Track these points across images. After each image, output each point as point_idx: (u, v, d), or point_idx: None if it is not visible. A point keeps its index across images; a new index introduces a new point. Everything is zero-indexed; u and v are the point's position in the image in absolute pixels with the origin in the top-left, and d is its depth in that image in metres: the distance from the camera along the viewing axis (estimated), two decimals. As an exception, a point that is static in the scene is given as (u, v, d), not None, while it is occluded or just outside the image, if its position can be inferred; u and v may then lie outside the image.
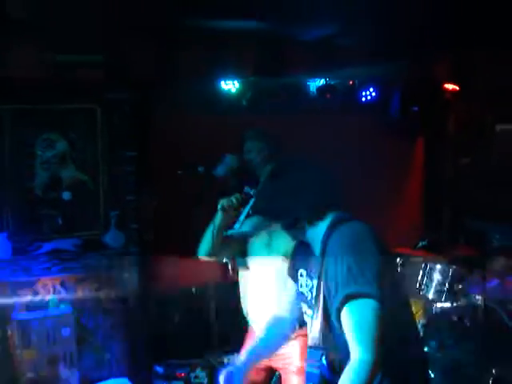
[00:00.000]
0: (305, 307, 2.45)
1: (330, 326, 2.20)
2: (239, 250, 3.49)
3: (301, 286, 2.47)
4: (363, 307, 2.05)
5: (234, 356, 5.31)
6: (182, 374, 5.21)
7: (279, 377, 3.55)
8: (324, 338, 2.20)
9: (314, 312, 2.28)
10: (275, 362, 3.41)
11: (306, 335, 2.42)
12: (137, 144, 5.39)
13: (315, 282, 2.29)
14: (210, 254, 3.48)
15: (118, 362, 5.31)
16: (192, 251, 5.15)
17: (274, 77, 5.67)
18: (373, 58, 5.67)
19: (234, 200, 3.25)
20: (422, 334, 5.17)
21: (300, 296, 2.48)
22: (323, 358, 2.17)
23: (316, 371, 2.16)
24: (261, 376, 3.55)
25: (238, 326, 5.16)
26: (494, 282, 4.63)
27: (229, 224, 3.31)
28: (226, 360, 5.58)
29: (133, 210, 5.39)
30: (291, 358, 3.33)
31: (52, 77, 5.05)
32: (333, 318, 2.15)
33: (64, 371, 4.89)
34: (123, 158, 5.32)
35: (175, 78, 5.35)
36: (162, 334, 5.67)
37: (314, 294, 2.28)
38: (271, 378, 3.63)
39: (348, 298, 2.06)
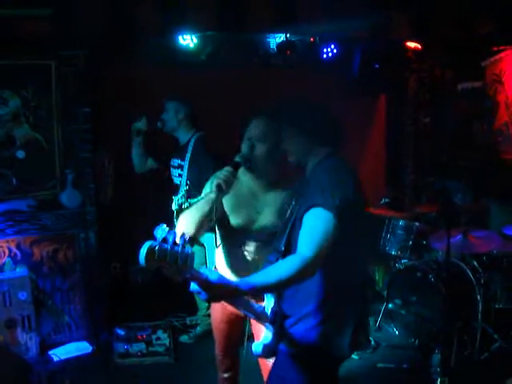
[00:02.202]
0: None
1: (291, 237, 2.55)
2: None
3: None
4: (319, 215, 2.36)
5: (199, 318, 5.32)
6: (144, 336, 5.13)
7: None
8: (285, 245, 2.57)
9: (283, 226, 2.67)
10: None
11: None
12: (92, 100, 5.17)
13: (292, 203, 2.66)
14: (197, 234, 3.25)
15: (78, 325, 5.20)
16: (152, 209, 5.11)
17: (233, 32, 5.51)
18: (333, 14, 5.54)
19: (228, 174, 2.96)
20: (386, 291, 5.21)
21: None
22: (279, 258, 2.54)
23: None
24: (234, 326, 3.52)
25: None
26: (458, 237, 4.63)
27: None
28: (189, 322, 5.56)
29: (89, 168, 5.20)
30: None
31: (4, 32, 4.80)
32: (296, 225, 2.49)
33: (22, 335, 4.77)
34: (78, 115, 5.09)
35: (131, 32, 5.15)
36: (123, 296, 5.57)
37: (289, 211, 2.66)
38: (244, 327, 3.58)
39: (309, 207, 2.39)
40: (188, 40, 5.48)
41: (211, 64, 5.67)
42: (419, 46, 6.22)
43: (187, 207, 3.62)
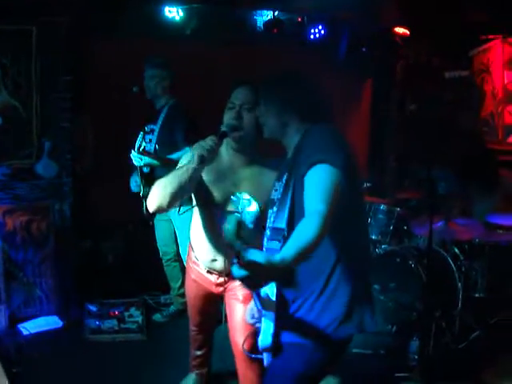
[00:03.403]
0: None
1: (294, 211, 2.38)
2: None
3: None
4: (325, 170, 2.22)
5: (173, 298, 5.25)
6: (116, 313, 5.03)
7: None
8: (287, 220, 2.36)
9: (277, 204, 2.47)
10: (217, 288, 3.31)
11: None
12: (72, 69, 5.05)
13: (284, 178, 2.48)
14: (167, 208, 2.98)
15: (49, 299, 5.08)
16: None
17: (219, 5, 5.41)
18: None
19: (213, 144, 2.80)
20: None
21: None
22: (284, 235, 2.32)
23: (277, 246, 2.30)
24: (208, 303, 3.46)
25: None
26: (440, 223, 4.57)
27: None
28: (163, 301, 5.47)
29: (67, 138, 5.07)
30: (235, 289, 3.23)
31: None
32: (298, 192, 2.32)
33: (-9, 307, 4.65)
34: (58, 83, 4.96)
35: (114, 1, 5.03)
36: (96, 271, 5.44)
37: (283, 186, 2.48)
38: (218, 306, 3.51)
39: (312, 164, 2.24)
40: (174, 13, 5.38)
41: (196, 39, 5.55)
42: (407, 32, 6.16)
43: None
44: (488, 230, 4.65)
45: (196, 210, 3.25)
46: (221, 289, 3.30)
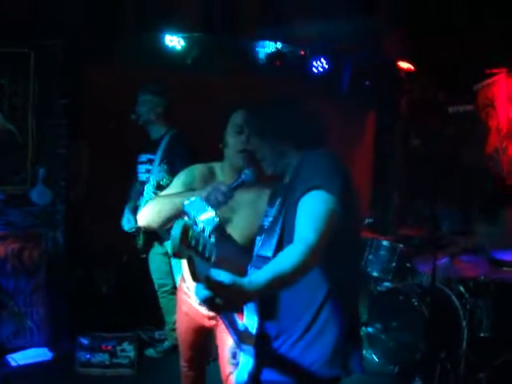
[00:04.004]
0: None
1: (283, 238, 2.25)
2: None
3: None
4: (320, 197, 2.09)
5: (167, 333, 5.10)
6: (108, 347, 4.85)
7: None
8: (275, 249, 2.23)
9: (268, 230, 2.36)
10: (209, 322, 3.13)
11: None
12: (69, 93, 4.99)
13: (277, 203, 2.38)
14: (156, 228, 2.92)
15: (39, 330, 4.92)
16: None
17: (221, 35, 5.36)
18: (325, 28, 5.43)
19: (223, 198, 2.59)
20: (366, 315, 4.99)
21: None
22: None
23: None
24: (200, 337, 3.29)
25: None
26: (444, 260, 4.44)
27: None
28: (157, 336, 5.30)
29: (62, 165, 4.98)
30: None
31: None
32: (290, 220, 2.19)
33: (-21, 336, 4.50)
34: (55, 108, 4.91)
35: (114, 28, 5.00)
36: (88, 302, 5.29)
37: (274, 212, 2.37)
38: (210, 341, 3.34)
39: (307, 190, 2.11)
40: (175, 42, 5.33)
41: (197, 68, 5.49)
42: (411, 67, 6.11)
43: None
44: (493, 267, 4.49)
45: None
46: (213, 322, 3.14)
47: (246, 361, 2.28)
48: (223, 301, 1.76)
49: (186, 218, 1.73)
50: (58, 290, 5.00)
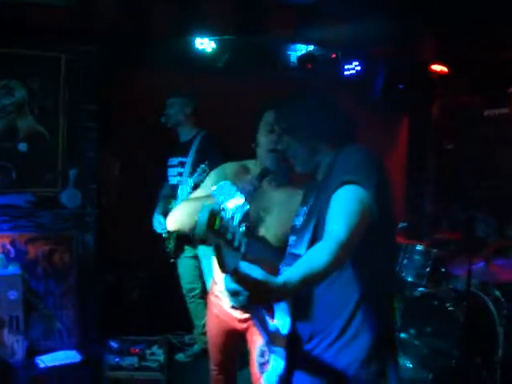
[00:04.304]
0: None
1: (316, 236, 2.14)
2: None
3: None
4: (353, 192, 2.02)
5: (197, 337, 5.05)
6: (137, 350, 4.81)
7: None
8: (308, 247, 2.13)
9: (301, 229, 2.28)
10: (240, 325, 3.11)
11: None
12: (102, 99, 4.99)
13: (311, 201, 2.31)
14: (187, 231, 2.83)
15: (69, 332, 4.91)
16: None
17: (252, 38, 5.31)
18: (358, 30, 5.36)
19: (255, 185, 2.57)
20: (399, 321, 4.88)
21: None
22: None
23: None
24: (230, 340, 3.24)
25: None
26: (480, 264, 4.33)
27: None
28: (187, 340, 5.26)
29: (93, 168, 4.98)
30: None
31: (16, 20, 4.63)
32: (323, 216, 2.08)
33: (9, 337, 4.48)
34: (85, 112, 4.91)
35: (145, 32, 4.97)
36: (118, 306, 5.28)
37: (307, 210, 2.29)
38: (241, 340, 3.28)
39: (341, 184, 2.04)
40: (205, 44, 5.29)
41: (228, 71, 5.45)
42: (445, 70, 6.00)
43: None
44: (531, 272, 4.38)
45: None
46: (244, 325, 3.10)
47: (277, 363, 2.21)
48: (251, 296, 1.69)
49: (213, 203, 1.63)
50: (88, 294, 4.98)
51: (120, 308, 5.30)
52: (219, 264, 1.62)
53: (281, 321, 2.19)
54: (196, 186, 4.30)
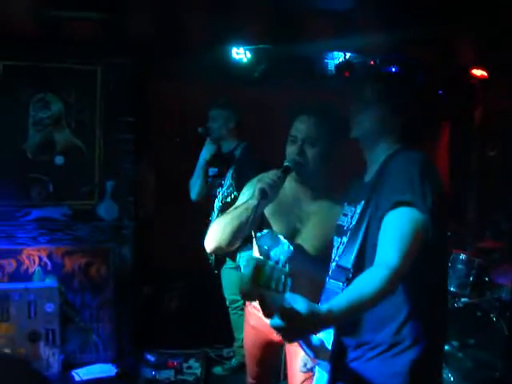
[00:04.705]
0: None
1: (365, 249, 2.05)
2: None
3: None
4: (406, 215, 1.90)
5: (236, 350, 4.97)
6: (174, 364, 4.78)
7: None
8: (355, 260, 2.03)
9: (349, 236, 2.15)
10: (277, 336, 2.97)
11: None
12: (137, 111, 4.99)
13: (359, 206, 2.15)
14: (225, 249, 2.71)
15: (105, 346, 4.90)
16: (193, 228, 4.81)
17: (289, 47, 5.25)
18: (396, 36, 5.25)
19: (276, 178, 2.51)
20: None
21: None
22: (348, 277, 1.99)
23: (339, 288, 2.00)
24: (268, 353, 3.13)
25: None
26: (525, 273, 4.17)
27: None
28: (226, 354, 5.19)
29: (130, 180, 4.97)
30: None
31: (52, 33, 4.70)
32: (373, 230, 2.00)
33: (45, 350, 4.50)
34: (122, 124, 4.91)
35: (181, 43, 4.98)
36: (156, 319, 5.24)
37: (357, 216, 2.15)
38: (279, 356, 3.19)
39: (396, 205, 1.92)
40: (241, 54, 5.25)
41: (264, 81, 5.40)
42: (485, 74, 5.86)
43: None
44: None
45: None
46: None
47: (321, 375, 2.12)
48: (297, 330, 1.65)
49: (256, 255, 1.61)
50: (125, 307, 4.97)
51: (157, 320, 5.26)
52: (263, 312, 1.58)
53: (325, 334, 2.07)
54: (223, 201, 4.27)
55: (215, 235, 2.65)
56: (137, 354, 4.85)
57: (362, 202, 2.14)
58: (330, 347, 2.07)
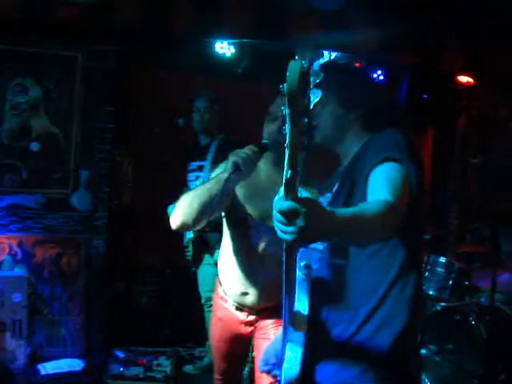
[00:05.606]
0: None
1: None
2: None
3: None
4: (394, 167, 1.87)
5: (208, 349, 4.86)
6: (144, 361, 4.64)
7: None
8: None
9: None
10: (246, 328, 2.92)
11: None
12: (117, 100, 4.90)
13: (334, 189, 2.14)
14: (192, 225, 2.67)
15: (74, 340, 4.76)
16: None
17: (272, 43, 5.20)
18: (383, 39, 5.22)
19: (251, 154, 2.45)
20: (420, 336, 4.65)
21: None
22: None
23: (319, 247, 1.96)
24: (235, 347, 3.03)
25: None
26: (505, 276, 4.11)
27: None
28: (198, 354, 5.08)
29: (105, 170, 4.86)
30: (266, 327, 2.86)
31: (33, 18, 4.61)
32: (358, 194, 1.95)
33: (11, 342, 4.36)
34: (101, 113, 4.81)
35: (165, 34, 4.92)
36: (126, 316, 5.11)
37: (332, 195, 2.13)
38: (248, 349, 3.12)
39: (384, 160, 1.88)
40: (225, 49, 5.20)
41: (247, 76, 5.37)
42: (471, 81, 5.84)
43: None
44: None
45: (226, 234, 2.90)
46: (250, 328, 2.90)
47: (294, 353, 1.98)
48: (308, 219, 1.46)
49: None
50: (96, 301, 4.84)
51: (128, 316, 5.13)
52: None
53: (302, 303, 1.99)
54: None
55: (181, 210, 2.55)
56: (106, 350, 4.71)
57: (337, 184, 2.10)
58: (306, 315, 1.97)
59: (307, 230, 1.46)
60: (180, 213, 2.56)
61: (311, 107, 1.56)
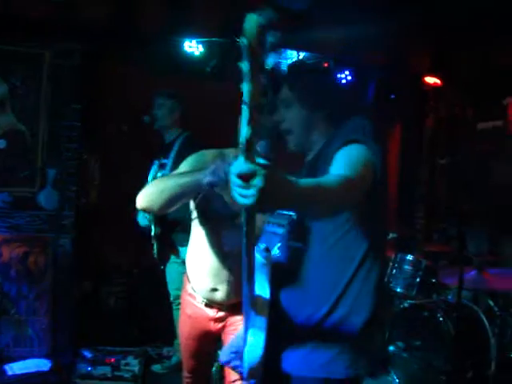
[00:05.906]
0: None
1: None
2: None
3: None
4: (357, 147, 1.92)
5: (176, 348, 4.85)
6: (112, 360, 4.60)
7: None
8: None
9: None
10: (215, 325, 2.92)
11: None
12: (84, 98, 4.87)
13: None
14: (156, 211, 2.70)
15: (40, 339, 4.70)
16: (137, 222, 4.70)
17: (240, 42, 5.20)
18: (350, 39, 5.26)
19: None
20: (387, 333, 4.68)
21: None
22: (292, 219, 2.01)
23: (279, 231, 2.02)
24: (203, 344, 3.02)
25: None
26: (472, 273, 4.15)
27: None
28: (166, 353, 5.06)
29: (73, 169, 4.82)
30: (236, 323, 2.87)
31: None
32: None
33: (-25, 342, 4.29)
34: (68, 111, 4.78)
35: (132, 32, 4.91)
36: (94, 315, 5.07)
37: None
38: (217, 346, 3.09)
39: (347, 142, 1.94)
40: (194, 48, 5.19)
41: (215, 75, 5.34)
42: (438, 82, 5.91)
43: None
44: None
45: (195, 229, 2.89)
46: (219, 325, 2.90)
47: (257, 338, 2.00)
48: (267, 181, 1.43)
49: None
50: (63, 300, 4.78)
51: (96, 316, 5.09)
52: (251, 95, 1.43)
53: (262, 287, 2.02)
54: None
55: (150, 195, 2.55)
56: (73, 350, 4.65)
57: (303, 174, 2.13)
58: (267, 299, 2.00)
59: (267, 193, 1.43)
60: (148, 197, 2.56)
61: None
